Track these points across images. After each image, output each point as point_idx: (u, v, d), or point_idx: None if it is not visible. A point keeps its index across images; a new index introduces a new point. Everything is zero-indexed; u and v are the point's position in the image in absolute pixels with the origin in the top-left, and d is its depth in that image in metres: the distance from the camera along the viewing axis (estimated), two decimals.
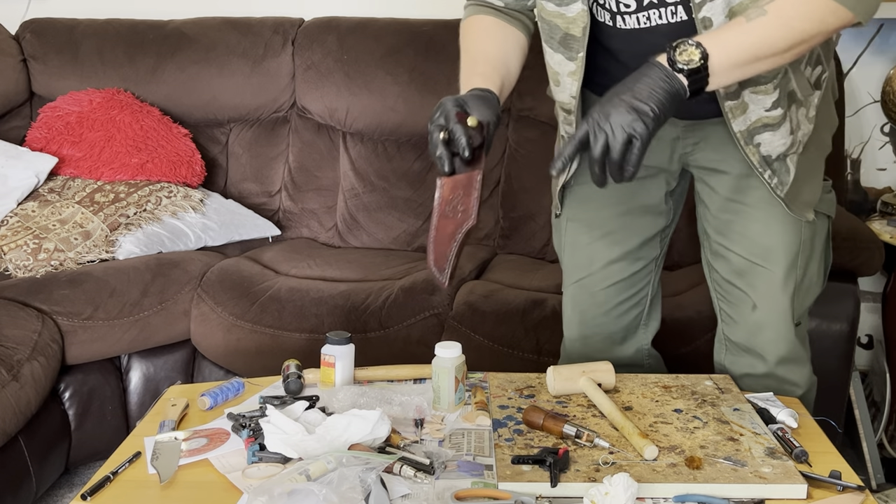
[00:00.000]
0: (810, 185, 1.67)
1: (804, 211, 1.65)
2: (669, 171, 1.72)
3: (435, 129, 1.40)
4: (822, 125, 1.66)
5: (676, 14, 1.47)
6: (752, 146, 1.58)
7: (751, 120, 1.56)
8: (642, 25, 1.50)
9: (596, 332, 1.80)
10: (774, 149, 1.59)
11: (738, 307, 1.72)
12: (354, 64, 2.94)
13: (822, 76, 1.62)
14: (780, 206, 1.63)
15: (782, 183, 1.61)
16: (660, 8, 1.47)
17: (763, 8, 1.36)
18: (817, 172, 1.70)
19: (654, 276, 1.81)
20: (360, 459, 1.28)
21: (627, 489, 1.20)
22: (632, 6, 1.48)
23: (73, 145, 2.89)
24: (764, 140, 1.57)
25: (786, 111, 1.56)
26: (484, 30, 1.62)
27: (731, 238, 1.68)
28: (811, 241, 1.69)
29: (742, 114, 1.55)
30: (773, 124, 1.56)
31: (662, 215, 1.77)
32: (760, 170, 1.60)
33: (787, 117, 1.57)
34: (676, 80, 1.33)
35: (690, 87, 1.33)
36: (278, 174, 3.05)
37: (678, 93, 1.33)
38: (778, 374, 1.70)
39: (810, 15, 1.37)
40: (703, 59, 1.32)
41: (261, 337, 2.38)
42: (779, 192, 1.61)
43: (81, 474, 2.55)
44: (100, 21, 3.11)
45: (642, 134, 1.30)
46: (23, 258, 2.50)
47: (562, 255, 1.83)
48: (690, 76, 1.33)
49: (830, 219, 1.76)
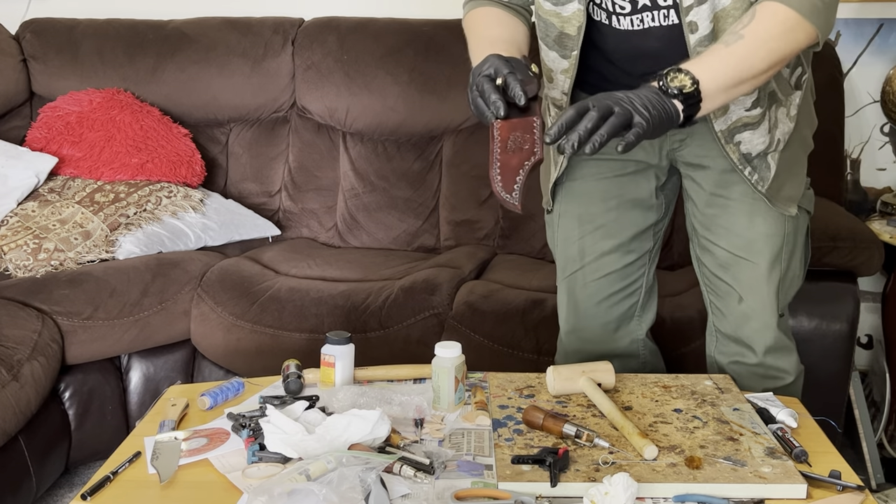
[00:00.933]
0: (792, 181, 1.71)
1: (787, 206, 1.70)
2: (658, 167, 1.76)
3: (484, 79, 1.40)
4: (803, 124, 1.71)
5: (668, 17, 1.52)
6: (733, 144, 1.63)
7: (731, 120, 1.61)
8: (636, 27, 1.55)
9: (589, 324, 1.83)
10: (754, 147, 1.64)
11: (725, 300, 1.76)
12: (354, 64, 2.94)
13: (802, 77, 1.67)
14: (763, 201, 1.67)
15: (763, 179, 1.66)
16: (653, 11, 1.53)
17: (739, 32, 1.42)
18: (799, 169, 1.74)
19: (648, 269, 1.84)
20: (360, 459, 1.28)
21: (627, 489, 1.20)
22: (627, 8, 1.54)
23: (73, 145, 2.89)
24: (744, 139, 1.63)
25: (765, 110, 1.62)
26: (492, 16, 1.65)
27: (717, 232, 1.73)
28: (794, 235, 1.74)
29: (723, 114, 1.61)
30: (752, 123, 1.62)
31: (653, 209, 1.80)
32: (741, 167, 1.65)
33: (766, 116, 1.62)
34: (671, 104, 1.37)
35: (685, 111, 1.38)
36: (278, 174, 3.05)
37: (671, 116, 1.37)
38: (767, 363, 1.75)
39: (784, 34, 1.43)
40: (694, 84, 1.37)
41: (261, 337, 2.38)
42: (760, 188, 1.66)
43: (81, 474, 2.55)
44: (100, 21, 3.11)
45: (640, 124, 1.33)
46: (23, 258, 2.50)
47: (555, 250, 1.87)
48: (686, 101, 1.37)
49: (810, 214, 1.80)
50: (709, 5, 1.47)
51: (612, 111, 1.32)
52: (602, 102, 1.33)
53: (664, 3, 1.51)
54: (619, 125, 1.32)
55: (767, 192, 1.66)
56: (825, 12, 1.45)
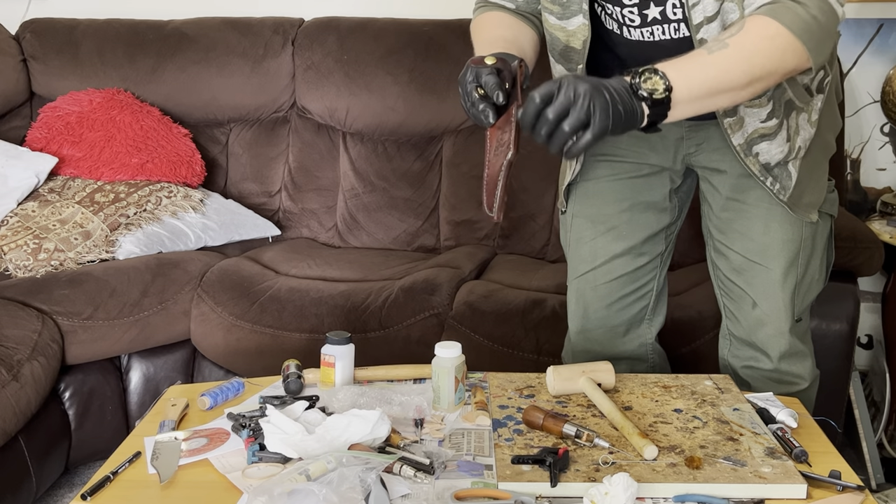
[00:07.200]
0: (813, 187, 1.68)
1: (808, 212, 1.67)
2: (673, 170, 1.74)
3: (471, 87, 1.37)
4: (825, 127, 1.68)
5: (679, 31, 1.49)
6: (752, 157, 1.60)
7: (748, 132, 1.58)
8: (646, 39, 1.53)
9: (599, 326, 1.82)
10: (773, 157, 1.61)
11: (738, 304, 1.74)
12: (354, 64, 2.94)
13: (825, 80, 1.62)
14: (780, 205, 1.64)
15: (784, 188, 1.63)
16: (663, 24, 1.50)
17: (725, 41, 1.34)
18: (821, 174, 1.71)
19: (660, 272, 1.83)
20: (360, 459, 1.28)
21: (627, 489, 1.20)
22: (636, 21, 1.51)
23: (73, 145, 2.89)
24: (762, 149, 1.60)
25: (781, 120, 1.58)
26: (496, 18, 1.64)
27: (731, 236, 1.70)
28: (812, 240, 1.70)
29: (740, 128, 1.58)
30: (769, 134, 1.58)
31: (666, 212, 1.78)
32: (762, 178, 1.62)
33: (784, 126, 1.59)
34: (638, 105, 1.28)
35: (651, 116, 1.30)
36: (278, 174, 3.05)
37: (634, 118, 1.28)
38: (782, 369, 1.73)
39: (770, 51, 1.34)
40: (667, 90, 1.29)
41: (261, 337, 2.38)
42: (781, 197, 1.63)
43: (81, 474, 2.55)
44: (100, 21, 3.11)
45: (597, 127, 1.25)
46: (23, 258, 2.50)
47: (567, 251, 1.86)
48: (653, 106, 1.29)
49: (833, 217, 1.77)
50: (718, 22, 1.44)
51: (568, 112, 1.24)
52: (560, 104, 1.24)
53: (674, 17, 1.48)
54: (577, 125, 1.25)
55: (789, 201, 1.63)
56: (819, 34, 1.36)
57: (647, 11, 1.49)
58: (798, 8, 1.35)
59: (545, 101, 1.25)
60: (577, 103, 1.24)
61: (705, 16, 1.44)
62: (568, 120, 1.24)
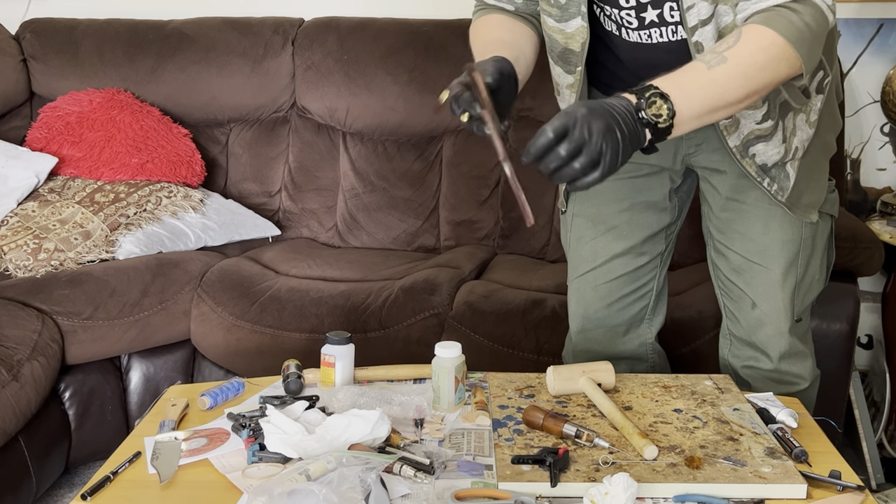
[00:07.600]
0: (813, 187, 1.68)
1: (807, 213, 1.67)
2: (673, 170, 1.75)
3: (459, 114, 1.38)
4: (824, 128, 1.68)
5: (677, 33, 1.50)
6: (748, 158, 1.61)
7: (743, 134, 1.58)
8: (644, 41, 1.53)
9: (599, 325, 1.82)
10: (769, 158, 1.61)
11: (738, 304, 1.74)
12: (354, 64, 2.94)
13: (825, 80, 1.62)
14: (780, 206, 1.65)
15: (782, 189, 1.63)
16: (661, 27, 1.51)
17: (723, 55, 1.34)
18: (821, 174, 1.71)
19: (660, 272, 1.83)
20: (360, 459, 1.28)
21: (627, 489, 1.20)
22: (634, 24, 1.52)
23: (73, 145, 2.89)
24: (758, 151, 1.60)
25: (777, 121, 1.58)
26: (496, 22, 1.64)
27: (731, 237, 1.70)
28: (812, 240, 1.70)
29: (735, 130, 1.58)
30: (765, 135, 1.59)
31: (667, 212, 1.78)
32: (759, 179, 1.62)
33: (779, 127, 1.59)
34: (642, 132, 1.29)
35: (652, 140, 1.31)
36: (278, 174, 3.05)
37: (637, 143, 1.29)
38: (782, 369, 1.73)
39: (766, 63, 1.35)
40: (671, 116, 1.30)
41: (261, 337, 2.38)
42: (779, 198, 1.63)
43: (81, 474, 2.55)
44: (100, 21, 3.11)
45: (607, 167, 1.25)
46: (23, 258, 2.50)
47: (568, 251, 1.86)
48: (655, 131, 1.30)
49: (833, 217, 1.77)
50: (713, 25, 1.44)
51: (581, 151, 1.24)
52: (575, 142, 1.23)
53: (671, 19, 1.49)
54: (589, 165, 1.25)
55: (787, 202, 1.63)
56: (811, 42, 1.37)
57: (644, 14, 1.50)
58: (792, 15, 1.35)
59: (559, 136, 1.24)
60: (591, 141, 1.23)
61: (700, 19, 1.45)
62: (580, 158, 1.24)
